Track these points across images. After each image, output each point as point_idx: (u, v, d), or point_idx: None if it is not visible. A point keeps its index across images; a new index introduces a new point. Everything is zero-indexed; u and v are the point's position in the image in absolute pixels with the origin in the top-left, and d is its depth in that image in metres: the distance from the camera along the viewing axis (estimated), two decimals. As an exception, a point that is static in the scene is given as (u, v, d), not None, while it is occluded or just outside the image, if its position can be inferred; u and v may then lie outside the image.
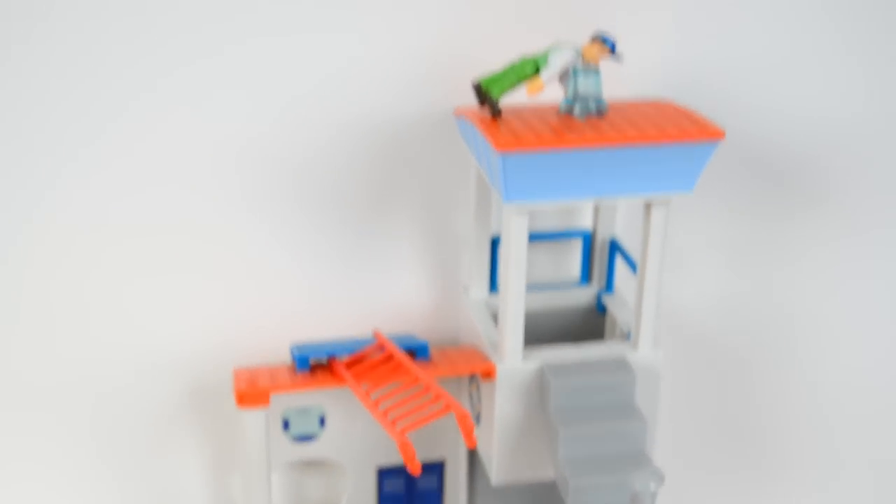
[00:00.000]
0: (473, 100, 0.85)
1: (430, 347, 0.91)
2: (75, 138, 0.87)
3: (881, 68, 1.00)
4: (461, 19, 0.89)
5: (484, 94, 0.81)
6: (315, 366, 0.88)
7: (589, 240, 0.98)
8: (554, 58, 0.81)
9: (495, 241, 0.94)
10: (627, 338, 0.92)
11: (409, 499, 0.97)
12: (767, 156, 1.01)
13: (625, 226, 0.98)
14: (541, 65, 0.81)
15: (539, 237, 0.97)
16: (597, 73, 0.81)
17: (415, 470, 0.76)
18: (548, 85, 0.80)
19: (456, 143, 0.93)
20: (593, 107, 0.82)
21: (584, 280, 0.99)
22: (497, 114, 0.81)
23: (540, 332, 0.98)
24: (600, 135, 0.78)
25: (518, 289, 0.83)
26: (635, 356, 0.87)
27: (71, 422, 0.96)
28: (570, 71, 0.81)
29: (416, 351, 0.89)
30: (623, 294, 0.98)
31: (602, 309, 0.98)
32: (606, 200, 0.82)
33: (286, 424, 0.91)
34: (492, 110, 0.81)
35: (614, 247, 0.96)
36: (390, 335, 0.92)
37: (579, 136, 0.78)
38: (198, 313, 0.95)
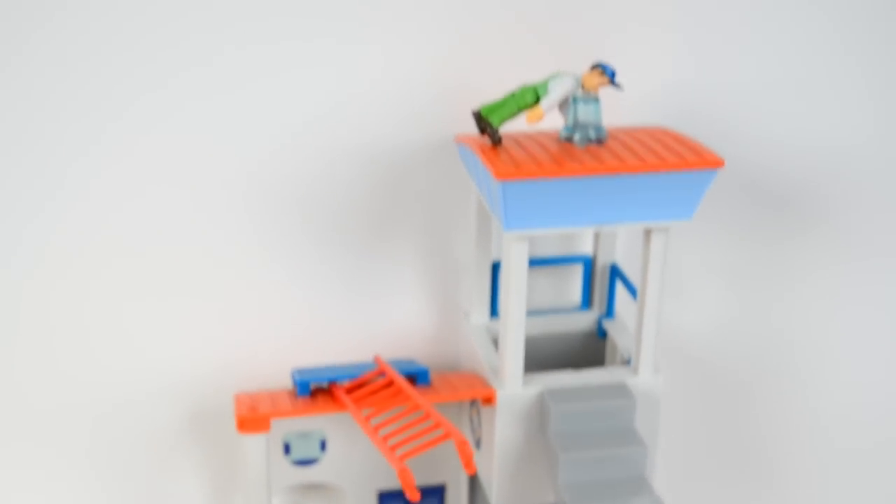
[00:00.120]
0: (474, 127, 0.86)
1: (430, 373, 0.91)
2: (76, 161, 0.88)
3: (877, 96, 1.00)
4: (462, 48, 0.90)
5: (484, 123, 0.81)
6: (316, 390, 0.88)
7: (589, 265, 0.98)
8: (554, 86, 0.81)
9: (496, 266, 0.95)
10: (628, 363, 0.92)
11: (409, 523, 0.97)
12: (766, 182, 1.01)
13: (625, 251, 0.99)
14: (541, 93, 0.81)
15: (540, 262, 0.97)
16: (596, 101, 0.82)
17: (413, 497, 0.76)
18: (548, 113, 0.80)
19: (457, 170, 0.94)
20: (593, 135, 0.82)
21: (585, 305, 0.99)
22: (497, 142, 0.82)
23: (541, 357, 0.98)
24: (600, 163, 0.78)
25: (518, 315, 0.84)
26: (636, 381, 0.88)
27: (71, 444, 0.96)
28: (569, 99, 0.82)
29: (417, 376, 0.89)
30: (624, 319, 0.98)
31: (603, 334, 0.98)
32: (606, 227, 0.82)
33: (287, 448, 0.92)
34: (492, 138, 0.81)
35: (615, 272, 0.96)
36: (391, 360, 0.92)
37: (579, 164, 0.78)
38: (199, 337, 0.95)
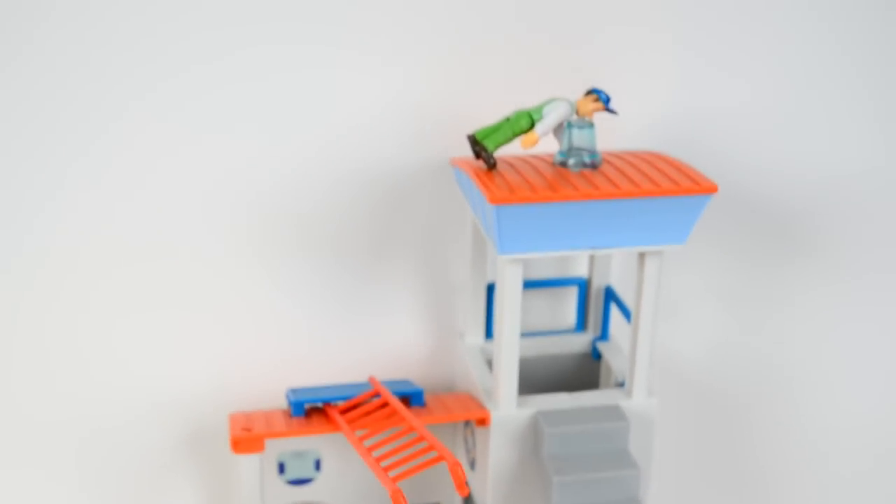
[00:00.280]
0: (469, 150, 0.86)
1: (424, 394, 0.92)
2: (73, 179, 0.88)
3: (871, 123, 1.01)
4: (458, 73, 0.90)
5: (479, 147, 0.82)
6: (310, 410, 0.89)
7: (584, 287, 0.98)
8: (549, 111, 0.81)
9: (491, 287, 0.95)
10: (622, 385, 0.92)
11: (403, 543, 0.97)
12: (761, 206, 1.01)
13: (620, 273, 0.99)
14: (535, 118, 0.81)
15: (535, 284, 0.98)
16: (591, 126, 0.82)
17: (407, 518, 0.77)
18: (542, 138, 0.81)
19: (452, 192, 0.94)
20: (587, 159, 0.82)
21: (580, 327, 1.00)
22: (492, 166, 0.82)
23: (535, 378, 0.98)
24: (594, 188, 0.79)
25: (512, 337, 0.84)
26: (630, 404, 0.88)
27: (65, 462, 0.97)
28: (564, 124, 0.82)
29: (411, 397, 0.89)
30: (618, 341, 0.99)
31: (597, 356, 0.98)
32: (600, 252, 0.82)
33: (282, 468, 0.92)
34: (487, 162, 0.82)
35: (609, 295, 0.97)
36: (386, 381, 0.92)
37: (573, 189, 0.78)
38: (195, 356, 0.95)
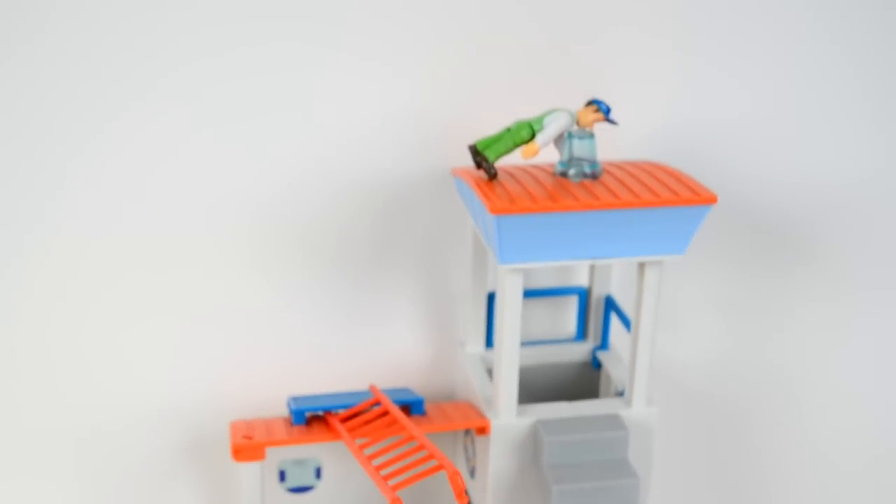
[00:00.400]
0: (471, 160, 0.87)
1: (425, 402, 0.92)
2: (74, 187, 0.89)
3: (873, 133, 1.01)
4: (460, 83, 0.91)
5: (480, 157, 0.82)
6: (311, 418, 0.89)
7: (585, 297, 0.99)
8: (549, 122, 0.82)
9: (491, 296, 0.95)
10: (622, 394, 0.93)
11: (403, 551, 0.97)
12: (762, 216, 1.02)
13: (620, 283, 0.99)
14: (536, 129, 0.82)
15: (535, 294, 0.98)
16: (591, 137, 0.82)
17: (406, 527, 0.77)
18: (543, 149, 0.81)
19: (453, 201, 0.94)
20: (588, 170, 0.83)
21: (580, 336, 1.00)
22: (493, 176, 0.82)
23: (535, 387, 0.98)
24: (594, 198, 0.79)
25: (512, 346, 0.84)
26: (629, 413, 0.88)
27: (65, 469, 0.97)
28: (565, 135, 0.83)
29: (412, 406, 0.90)
30: (618, 350, 0.99)
31: (597, 365, 0.99)
32: (600, 262, 0.83)
33: (282, 476, 0.92)
34: (487, 173, 0.82)
35: (609, 304, 0.97)
36: (386, 389, 0.93)
37: (574, 199, 0.79)
38: (197, 363, 0.96)
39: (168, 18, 0.85)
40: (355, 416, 0.88)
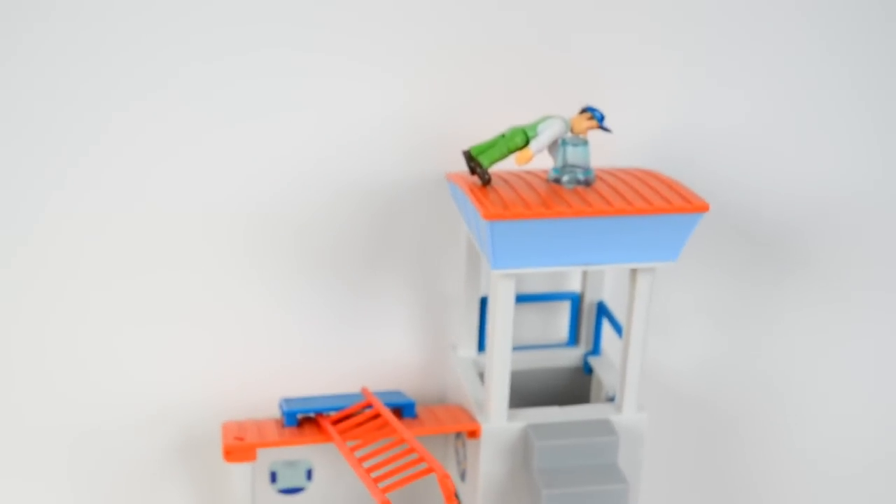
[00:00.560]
0: (465, 165, 0.87)
1: (416, 405, 0.92)
2: (72, 186, 0.89)
3: (867, 143, 1.02)
4: (454, 88, 0.91)
5: (474, 163, 0.82)
6: (303, 420, 0.89)
7: (577, 302, 0.99)
8: (543, 129, 0.82)
9: (484, 300, 0.95)
10: (612, 400, 0.93)
11: (393, 553, 0.98)
12: (754, 223, 1.02)
13: (613, 288, 1.00)
14: (530, 135, 0.82)
15: (528, 298, 0.98)
16: (585, 144, 0.83)
17: (396, 529, 0.77)
18: (537, 155, 0.82)
19: (447, 207, 0.95)
20: (581, 176, 0.83)
21: (572, 341, 1.00)
22: (486, 182, 0.83)
23: (527, 392, 0.99)
24: (587, 205, 0.80)
25: (504, 351, 0.85)
26: (619, 418, 0.88)
27: (57, 468, 0.97)
28: (559, 141, 0.83)
29: (403, 409, 0.90)
30: (610, 356, 0.99)
31: (589, 370, 0.99)
32: (592, 268, 0.83)
33: (273, 477, 0.92)
34: (481, 178, 0.83)
35: (601, 310, 0.97)
36: (378, 392, 0.93)
37: (567, 205, 0.79)
38: (189, 364, 0.96)
39: (168, 21, 0.85)
40: (347, 418, 0.88)
